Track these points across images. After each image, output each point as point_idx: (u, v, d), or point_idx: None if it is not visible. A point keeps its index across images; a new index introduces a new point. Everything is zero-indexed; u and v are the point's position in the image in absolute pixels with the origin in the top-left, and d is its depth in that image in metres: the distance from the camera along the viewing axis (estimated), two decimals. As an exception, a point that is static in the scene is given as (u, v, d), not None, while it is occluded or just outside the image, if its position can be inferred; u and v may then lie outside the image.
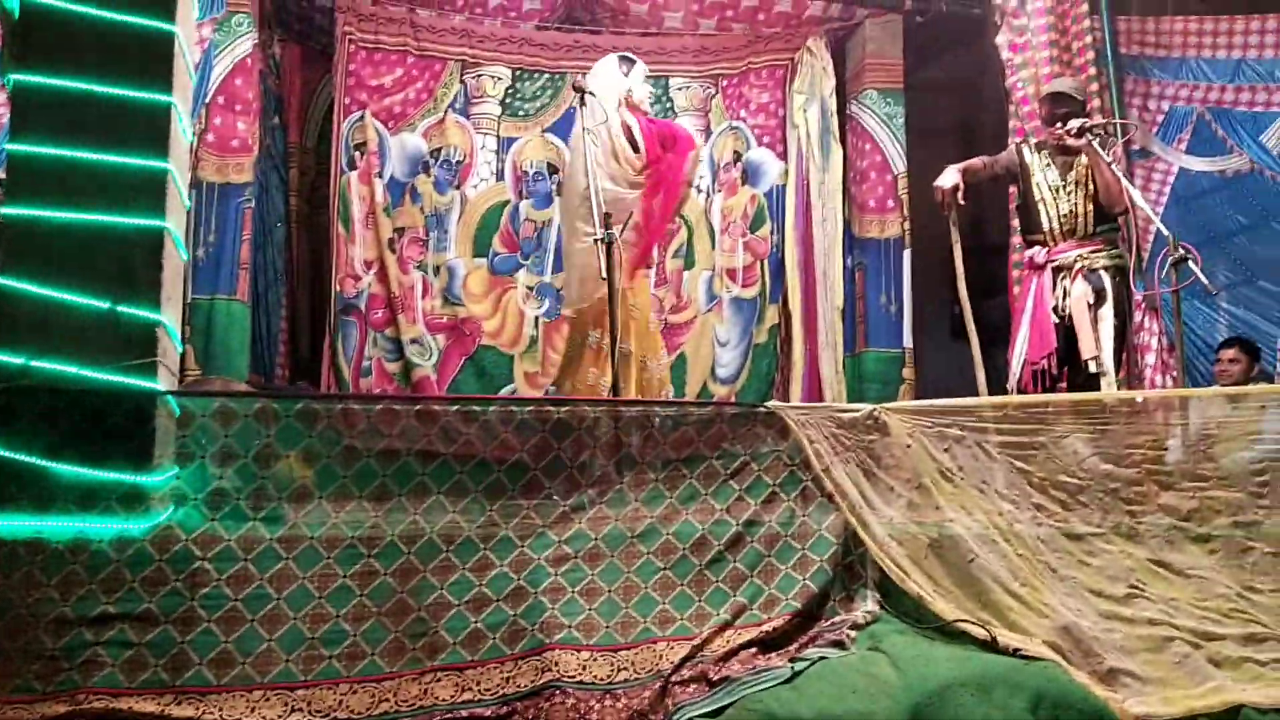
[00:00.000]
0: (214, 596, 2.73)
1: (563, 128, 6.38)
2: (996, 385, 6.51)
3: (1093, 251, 4.40)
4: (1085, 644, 3.01)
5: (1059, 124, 4.47)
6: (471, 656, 2.84)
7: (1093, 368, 4.24)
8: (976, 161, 4.79)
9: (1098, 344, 4.27)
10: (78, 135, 2.90)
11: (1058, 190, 4.48)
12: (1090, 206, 4.39)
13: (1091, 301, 4.33)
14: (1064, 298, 4.40)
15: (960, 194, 4.59)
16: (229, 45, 5.26)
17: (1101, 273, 4.34)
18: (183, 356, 3.48)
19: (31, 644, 2.62)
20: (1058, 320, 4.40)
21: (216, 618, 2.71)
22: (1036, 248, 4.56)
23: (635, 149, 4.59)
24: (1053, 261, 4.47)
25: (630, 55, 4.78)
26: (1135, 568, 3.30)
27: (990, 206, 7.08)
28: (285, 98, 6.23)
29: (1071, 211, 4.42)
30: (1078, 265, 4.39)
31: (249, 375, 5.34)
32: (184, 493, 2.80)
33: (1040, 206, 4.53)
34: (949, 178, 4.62)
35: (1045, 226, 4.49)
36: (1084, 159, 4.42)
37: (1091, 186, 4.38)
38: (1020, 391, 4.48)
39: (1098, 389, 4.24)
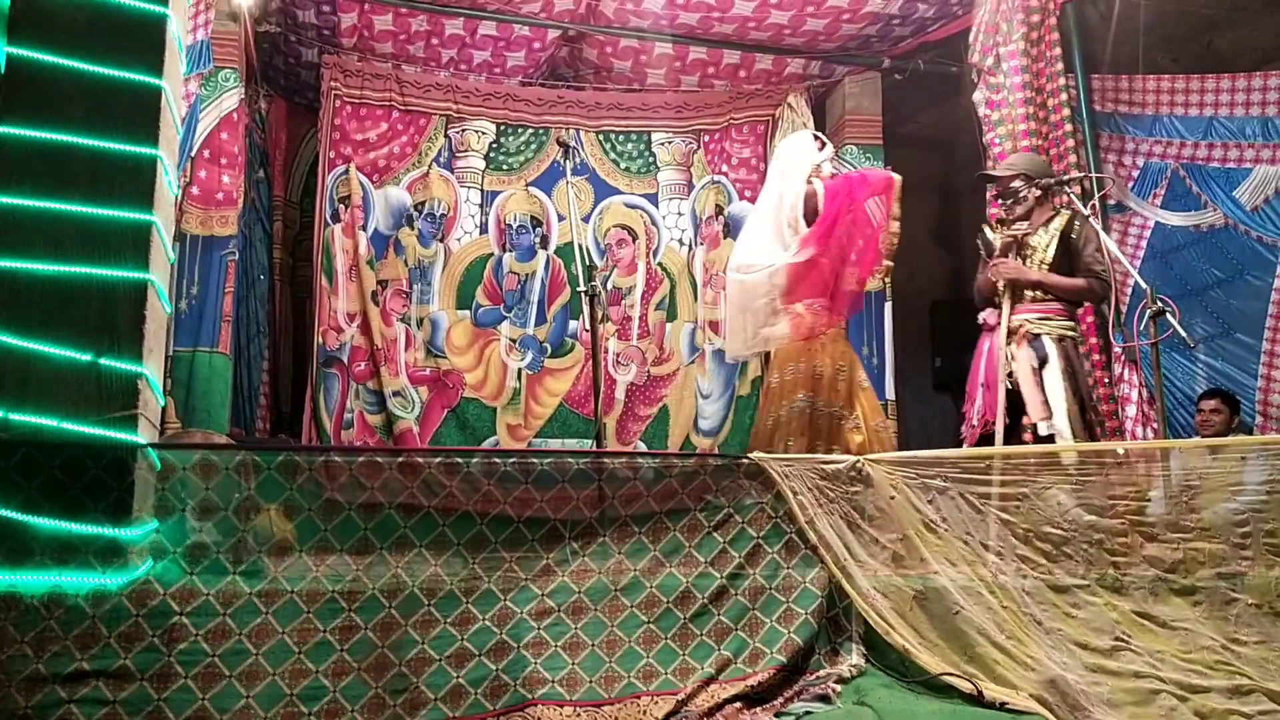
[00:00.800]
0: (191, 652, 2.68)
1: (546, 181, 6.45)
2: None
3: (1040, 318, 4.37)
4: (1072, 697, 2.99)
5: (1001, 199, 4.54)
6: (453, 713, 2.80)
7: (1043, 429, 4.19)
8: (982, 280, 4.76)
9: (1045, 406, 4.22)
10: (62, 187, 2.90)
11: (1020, 256, 4.46)
12: (1039, 266, 4.37)
13: (1035, 366, 4.29)
14: (1010, 361, 4.35)
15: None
16: (215, 99, 5.30)
17: (1045, 339, 4.29)
18: (163, 410, 3.45)
19: (4, 702, 2.56)
20: (1008, 385, 4.33)
21: (194, 674, 2.66)
22: (989, 309, 4.54)
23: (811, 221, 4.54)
24: (1001, 324, 4.42)
25: (823, 136, 4.76)
26: (1120, 620, 3.29)
27: (969, 261, 7.17)
28: (270, 151, 6.28)
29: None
30: (1022, 330, 4.36)
31: (230, 428, 5.30)
32: (163, 546, 2.77)
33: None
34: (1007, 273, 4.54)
35: (1003, 287, 4.44)
36: (1041, 230, 4.41)
37: (1046, 255, 4.37)
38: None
39: None
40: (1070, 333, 4.35)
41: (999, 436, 4.23)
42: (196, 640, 2.70)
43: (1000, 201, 4.56)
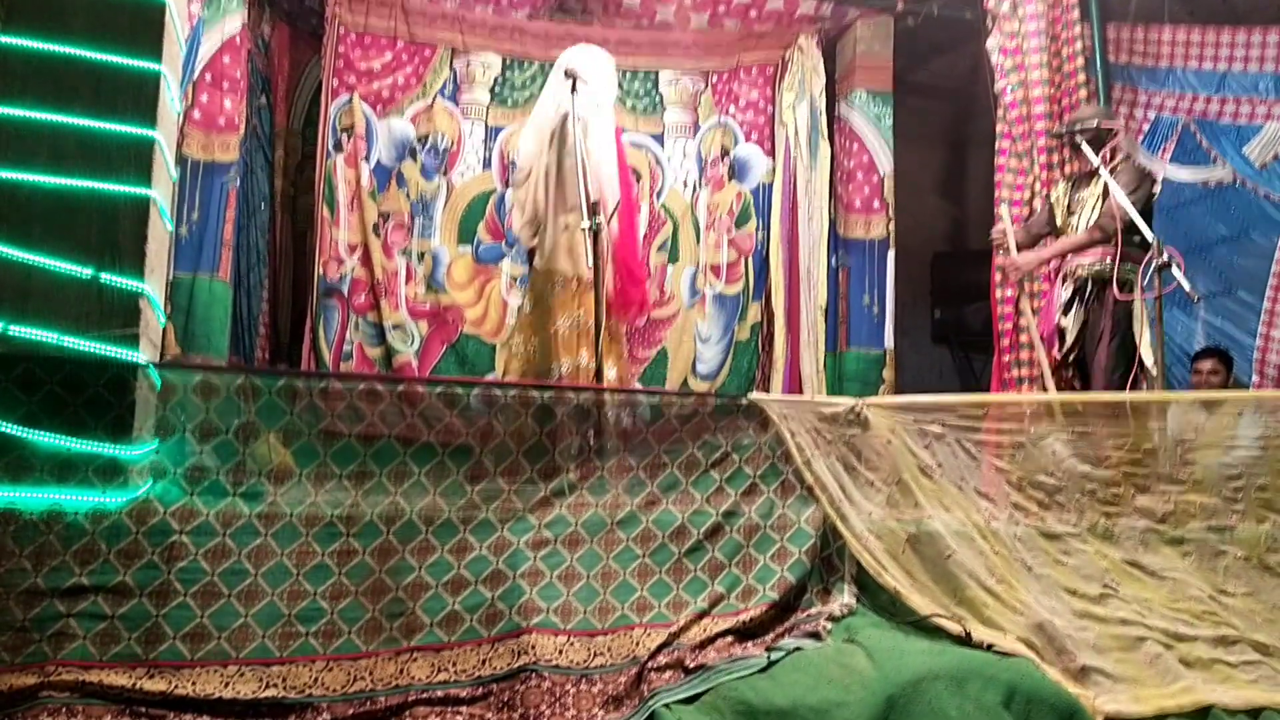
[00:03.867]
0: (191, 570, 2.71)
1: (552, 118, 6.36)
2: (973, 386, 6.58)
3: (1091, 262, 4.48)
4: (1059, 641, 3.05)
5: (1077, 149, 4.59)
6: (448, 638, 2.83)
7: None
8: (1021, 236, 4.87)
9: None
10: (65, 100, 2.86)
11: (1067, 213, 4.61)
12: (1090, 218, 4.47)
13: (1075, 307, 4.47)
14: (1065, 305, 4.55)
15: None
16: (218, 22, 5.21)
17: (1089, 281, 4.43)
18: (163, 333, 3.45)
19: (2, 615, 2.58)
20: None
21: (192, 592, 2.69)
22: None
23: None
24: (1062, 270, 4.60)
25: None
26: (1110, 568, 3.33)
27: (974, 213, 7.15)
28: (273, 78, 6.18)
29: (1077, 227, 4.52)
30: (1075, 274, 4.51)
31: (229, 356, 5.29)
32: (163, 466, 2.78)
33: (1061, 226, 4.65)
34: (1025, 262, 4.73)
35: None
36: (1096, 181, 4.50)
37: (1095, 202, 4.47)
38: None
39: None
40: (1125, 274, 4.38)
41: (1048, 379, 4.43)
42: (196, 559, 2.72)
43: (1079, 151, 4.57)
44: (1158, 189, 4.59)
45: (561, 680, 2.79)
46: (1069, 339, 4.51)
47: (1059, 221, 4.66)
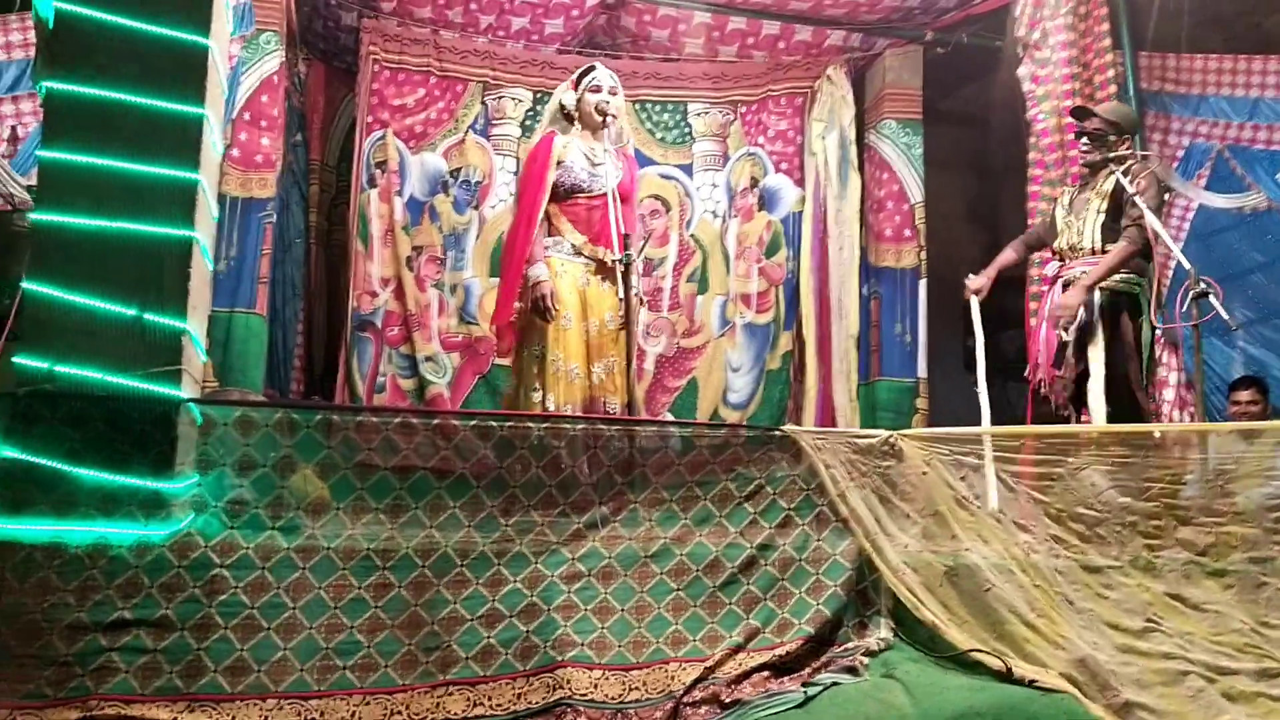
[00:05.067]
0: (231, 604, 2.74)
1: (582, 151, 6.42)
2: (1008, 416, 6.50)
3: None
4: (1101, 677, 3.00)
5: (1084, 138, 4.50)
6: (484, 672, 2.84)
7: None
8: (1009, 254, 4.81)
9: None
10: (110, 144, 2.93)
11: (1070, 216, 4.51)
12: (1098, 223, 4.37)
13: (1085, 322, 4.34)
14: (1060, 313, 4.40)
15: (982, 294, 4.64)
16: (256, 62, 5.31)
17: (1096, 292, 4.30)
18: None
19: (45, 649, 2.62)
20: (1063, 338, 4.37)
21: (233, 625, 2.72)
22: (1053, 261, 4.61)
23: None
24: (1062, 276, 4.47)
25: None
26: (1152, 601, 3.28)
27: (1007, 240, 7.09)
28: (308, 115, 6.29)
29: (1079, 230, 4.43)
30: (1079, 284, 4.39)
31: (264, 389, 5.36)
32: (204, 500, 2.82)
33: (1060, 234, 4.56)
34: (978, 282, 4.64)
35: (1059, 245, 4.54)
36: (1101, 181, 4.43)
37: (1102, 205, 4.37)
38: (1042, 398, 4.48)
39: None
40: (1128, 286, 4.31)
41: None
42: (236, 592, 2.75)
43: (1085, 142, 4.51)
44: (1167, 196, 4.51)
45: (596, 715, 2.79)
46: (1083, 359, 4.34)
47: (1059, 223, 4.55)
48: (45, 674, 2.60)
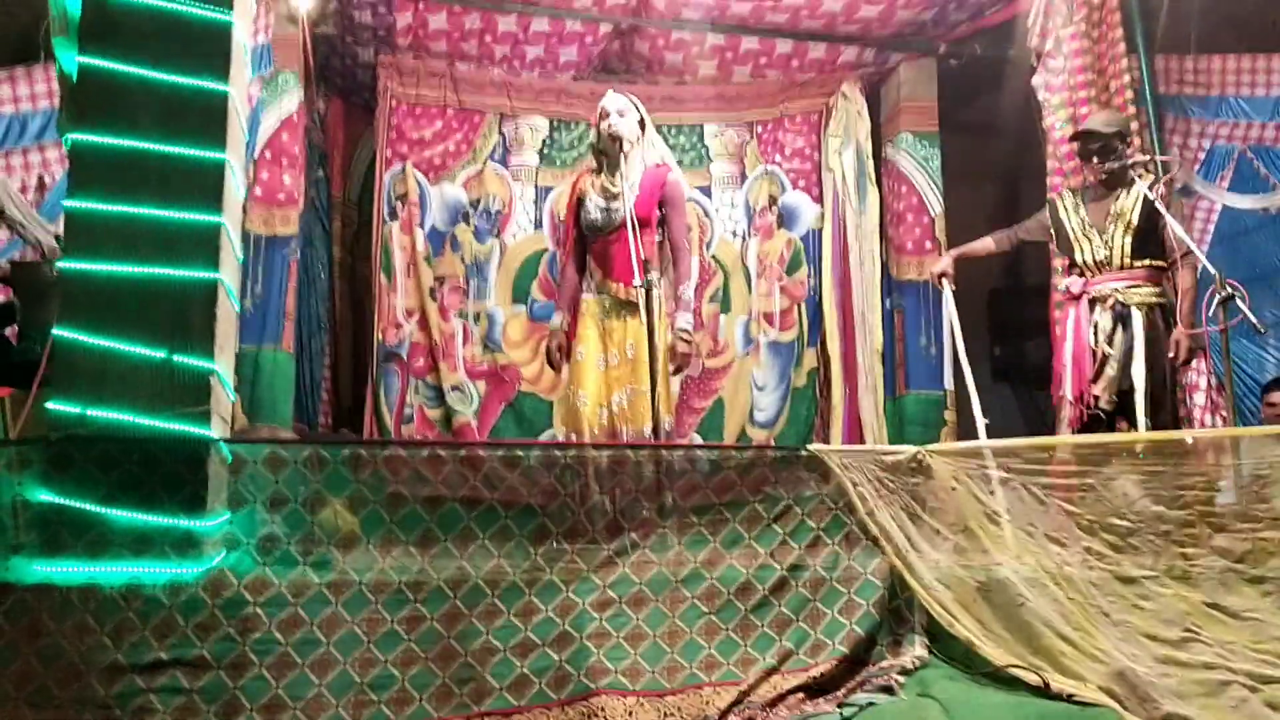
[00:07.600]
0: (265, 641, 2.75)
1: (600, 176, 6.45)
2: (1037, 426, 6.45)
3: (1129, 286, 4.35)
4: (1141, 689, 2.95)
5: (1093, 159, 4.47)
6: (518, 702, 2.84)
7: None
8: (984, 242, 4.88)
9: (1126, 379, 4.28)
10: (134, 192, 2.99)
11: (1088, 227, 4.46)
12: (1127, 239, 4.35)
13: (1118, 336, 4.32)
14: (1095, 331, 4.38)
15: (950, 278, 4.82)
16: (276, 102, 5.40)
17: (1133, 309, 4.28)
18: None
19: (84, 691, 2.65)
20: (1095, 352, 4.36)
21: (268, 663, 2.73)
22: (1074, 277, 4.55)
23: None
24: (1088, 293, 4.44)
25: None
26: (1190, 611, 3.23)
27: (1029, 248, 7.05)
28: (329, 151, 6.37)
29: (1106, 245, 4.39)
30: (1111, 299, 4.35)
31: (293, 423, 5.41)
32: (236, 538, 2.85)
33: (1075, 245, 4.52)
34: (942, 264, 4.85)
35: (1080, 260, 4.49)
36: (1124, 194, 4.40)
37: (1131, 219, 4.34)
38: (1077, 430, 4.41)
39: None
40: (1160, 299, 4.31)
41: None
42: (270, 630, 2.77)
43: (1092, 160, 4.49)
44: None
45: (632, 742, 2.78)
46: (1111, 370, 4.32)
47: (1073, 233, 4.51)
48: (85, 717, 2.62)
